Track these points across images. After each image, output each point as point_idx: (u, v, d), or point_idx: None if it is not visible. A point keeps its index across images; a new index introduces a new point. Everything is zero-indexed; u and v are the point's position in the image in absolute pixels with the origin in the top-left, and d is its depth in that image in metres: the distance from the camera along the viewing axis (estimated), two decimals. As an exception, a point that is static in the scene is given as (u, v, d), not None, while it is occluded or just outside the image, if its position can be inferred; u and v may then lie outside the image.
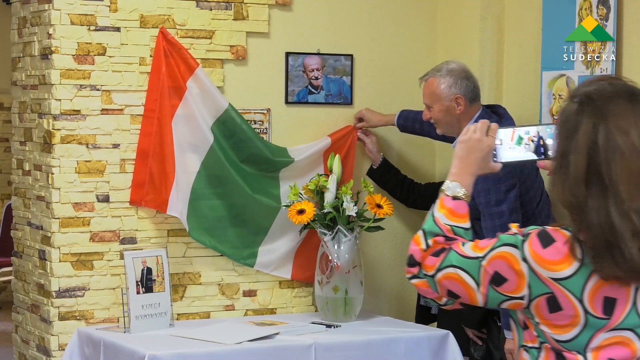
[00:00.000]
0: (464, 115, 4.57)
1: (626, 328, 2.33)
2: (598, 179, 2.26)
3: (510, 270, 2.35)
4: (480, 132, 2.56)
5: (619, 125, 2.26)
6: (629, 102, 2.29)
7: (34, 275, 4.89)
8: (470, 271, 2.39)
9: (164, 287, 4.72)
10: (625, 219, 2.25)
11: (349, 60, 5.30)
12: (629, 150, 2.25)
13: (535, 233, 2.35)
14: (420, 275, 2.46)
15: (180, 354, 4.30)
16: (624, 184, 2.24)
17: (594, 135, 2.27)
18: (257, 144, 4.95)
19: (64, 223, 4.72)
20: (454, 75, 4.59)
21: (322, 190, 4.94)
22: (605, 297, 2.31)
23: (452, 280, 2.42)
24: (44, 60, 4.75)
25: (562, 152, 2.32)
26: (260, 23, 5.09)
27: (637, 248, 2.25)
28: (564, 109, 2.35)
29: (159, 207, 4.79)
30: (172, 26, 4.89)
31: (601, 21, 4.63)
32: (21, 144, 5.04)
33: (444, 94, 4.58)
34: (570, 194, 2.29)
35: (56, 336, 4.72)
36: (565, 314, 2.33)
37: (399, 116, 5.13)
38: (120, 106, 4.81)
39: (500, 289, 2.36)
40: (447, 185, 2.55)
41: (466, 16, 5.35)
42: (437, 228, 2.48)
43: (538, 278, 2.32)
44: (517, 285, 2.34)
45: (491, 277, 2.36)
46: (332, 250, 4.87)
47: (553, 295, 2.32)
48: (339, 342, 4.58)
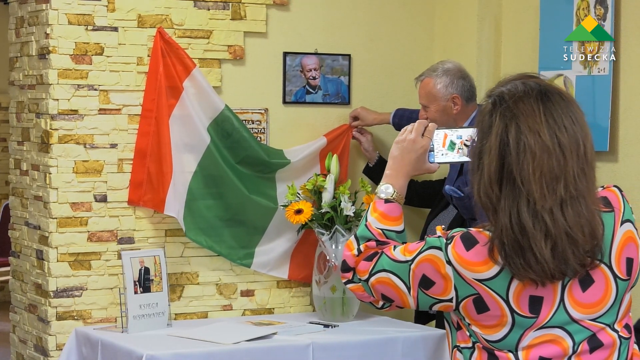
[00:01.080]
0: (460, 114, 4.57)
1: (555, 326, 2.32)
2: (510, 180, 2.24)
3: (436, 274, 2.35)
4: (415, 133, 2.55)
5: (529, 125, 2.24)
6: (540, 102, 2.27)
7: (31, 275, 4.89)
8: (401, 275, 2.40)
9: (161, 287, 4.72)
10: (537, 219, 2.23)
11: (347, 60, 5.30)
12: (539, 150, 2.23)
13: (459, 235, 2.35)
14: (355, 280, 2.47)
15: (178, 354, 4.30)
16: (535, 184, 2.22)
17: (506, 135, 2.25)
18: (253, 146, 4.95)
19: (62, 223, 4.72)
20: (450, 75, 4.59)
21: (319, 190, 4.94)
22: (530, 295, 2.30)
23: (384, 285, 2.42)
24: (42, 60, 4.75)
25: (478, 152, 2.30)
26: (258, 23, 5.09)
27: (550, 249, 2.24)
28: (481, 109, 2.34)
29: (157, 206, 4.79)
30: (170, 26, 4.88)
31: (599, 21, 4.64)
32: (19, 144, 5.03)
33: (440, 94, 4.58)
34: (485, 195, 2.28)
35: (54, 336, 4.72)
36: (492, 314, 2.32)
37: (394, 115, 5.13)
38: (118, 106, 4.81)
39: (428, 292, 2.36)
40: (379, 188, 2.54)
41: (464, 16, 5.36)
42: (369, 232, 2.49)
43: (463, 280, 2.31)
44: (444, 288, 2.34)
45: (419, 280, 2.37)
46: (330, 250, 4.87)
47: (479, 296, 2.31)
48: (337, 342, 4.58)
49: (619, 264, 2.33)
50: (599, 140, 4.64)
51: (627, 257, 2.34)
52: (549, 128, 2.25)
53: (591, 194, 2.29)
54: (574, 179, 2.25)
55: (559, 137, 2.25)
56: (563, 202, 2.24)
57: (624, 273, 2.34)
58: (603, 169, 4.65)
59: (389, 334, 4.71)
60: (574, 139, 2.26)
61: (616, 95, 4.61)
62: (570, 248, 2.25)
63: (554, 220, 2.23)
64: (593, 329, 2.33)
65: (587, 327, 2.33)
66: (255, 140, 4.98)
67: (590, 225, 2.27)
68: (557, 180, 2.23)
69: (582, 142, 2.27)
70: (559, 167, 2.24)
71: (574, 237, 2.25)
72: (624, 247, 2.34)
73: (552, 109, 2.27)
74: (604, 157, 4.65)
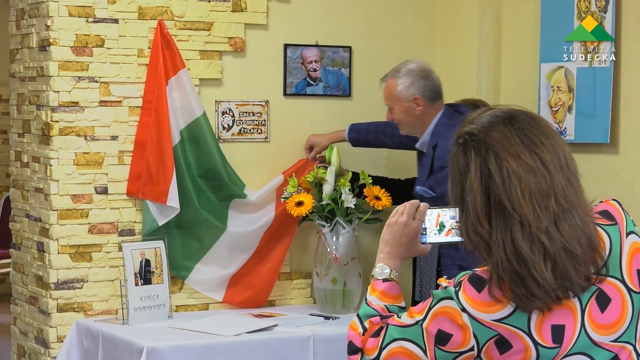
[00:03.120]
0: (425, 115, 4.52)
1: (578, 352, 2.26)
2: (500, 209, 2.19)
3: (453, 325, 2.25)
4: (407, 215, 2.49)
5: (507, 150, 2.20)
6: (510, 126, 2.23)
7: (32, 267, 4.89)
8: (414, 339, 2.29)
9: (162, 279, 4.72)
10: (534, 242, 2.18)
11: (347, 52, 5.30)
12: (524, 172, 2.18)
13: (466, 279, 2.26)
14: None
15: (178, 346, 4.30)
16: (527, 206, 2.17)
17: (486, 167, 2.20)
18: (217, 162, 4.87)
19: (63, 215, 4.72)
20: (411, 76, 4.53)
21: (320, 182, 4.95)
22: (552, 325, 2.24)
23: (397, 356, 2.31)
24: (42, 52, 4.75)
25: (459, 196, 2.25)
26: (259, 15, 5.09)
27: (550, 270, 2.19)
28: (451, 154, 2.29)
29: (157, 198, 4.77)
30: (171, 18, 4.88)
31: (599, 13, 4.63)
32: (19, 136, 5.03)
33: (402, 95, 4.53)
34: (474, 234, 2.22)
35: (55, 328, 4.72)
36: (515, 350, 2.24)
37: (349, 130, 5.02)
38: (119, 98, 4.81)
39: (446, 347, 2.26)
40: (374, 270, 2.49)
41: (464, 8, 5.35)
42: (372, 310, 2.43)
43: (481, 324, 2.23)
44: (462, 339, 2.24)
45: (435, 337, 2.26)
46: (331, 242, 4.88)
47: (500, 336, 2.23)
48: (338, 334, 4.58)
49: (630, 276, 2.30)
50: (599, 132, 4.64)
51: (637, 269, 2.31)
52: (527, 147, 2.21)
53: (581, 204, 2.25)
54: (563, 191, 2.21)
55: (538, 154, 2.21)
56: (557, 217, 2.20)
57: (636, 285, 2.30)
58: (604, 161, 4.65)
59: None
60: (553, 152, 2.23)
61: (617, 87, 4.61)
62: (571, 263, 2.21)
63: (551, 239, 2.19)
64: (614, 349, 2.30)
65: (608, 349, 2.29)
66: (222, 157, 4.90)
67: (585, 235, 2.23)
68: (547, 198, 2.19)
69: (561, 153, 2.24)
70: (546, 184, 2.20)
71: (572, 251, 2.21)
72: (633, 259, 2.31)
73: (523, 129, 2.24)
74: (604, 149, 4.64)
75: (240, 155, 5.08)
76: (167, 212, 4.79)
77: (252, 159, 5.09)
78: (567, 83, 4.81)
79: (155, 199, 4.78)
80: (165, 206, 4.77)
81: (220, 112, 5.04)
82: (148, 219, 4.79)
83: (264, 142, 5.13)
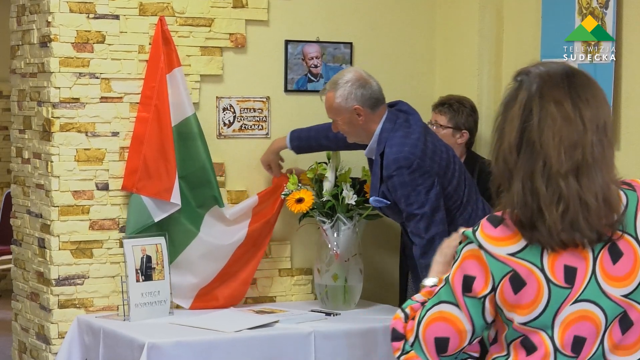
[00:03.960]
0: (368, 123, 4.45)
1: (588, 300, 2.35)
2: (529, 144, 2.33)
3: (474, 265, 2.37)
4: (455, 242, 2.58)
5: (553, 96, 2.34)
6: (565, 77, 2.37)
7: (33, 263, 4.89)
8: (446, 298, 2.40)
9: (163, 275, 4.72)
10: (551, 183, 2.30)
11: (348, 48, 5.29)
12: (561, 118, 2.32)
13: (485, 219, 2.41)
14: (407, 348, 2.44)
15: (179, 342, 4.30)
16: (554, 148, 2.30)
17: (529, 103, 2.35)
18: (203, 166, 4.83)
19: (64, 211, 4.72)
20: (348, 86, 4.45)
21: (321, 178, 4.94)
22: (565, 265, 2.34)
23: (434, 324, 2.41)
24: (43, 48, 4.75)
25: (499, 125, 2.40)
26: (260, 11, 5.09)
27: (560, 212, 2.30)
28: (507, 87, 2.44)
29: (159, 194, 4.76)
30: (171, 14, 4.88)
31: (601, 9, 4.63)
32: (20, 132, 5.03)
33: (342, 107, 4.47)
34: (503, 161, 2.36)
35: (56, 324, 4.73)
36: (529, 288, 2.34)
37: (291, 139, 4.96)
38: (120, 94, 4.80)
39: (472, 293, 2.36)
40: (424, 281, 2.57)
41: (465, 4, 5.35)
42: (413, 301, 2.51)
43: (497, 260, 2.34)
44: (484, 280, 2.35)
45: (462, 284, 2.37)
46: (332, 239, 4.87)
47: (514, 272, 2.34)
48: (339, 330, 4.59)
49: None
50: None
51: None
52: (571, 99, 2.33)
53: (607, 166, 2.35)
54: (592, 148, 2.32)
55: (580, 108, 2.33)
56: (579, 168, 2.31)
57: None
58: (605, 157, 4.64)
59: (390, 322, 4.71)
60: (595, 112, 2.34)
61: (618, 83, 4.61)
62: (582, 214, 2.30)
63: (568, 185, 2.30)
64: (623, 305, 2.37)
65: (618, 303, 2.36)
66: (209, 162, 4.85)
67: (603, 192, 2.33)
68: (574, 148, 2.31)
69: (602, 117, 2.36)
70: (578, 135, 2.32)
71: (587, 202, 2.30)
72: None
73: (576, 85, 2.36)
74: (605, 145, 4.64)
75: (241, 151, 5.08)
76: (166, 208, 4.78)
77: (253, 155, 5.09)
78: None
79: (156, 195, 4.76)
80: (163, 202, 4.76)
81: (221, 108, 5.04)
82: (143, 215, 4.76)
83: (264, 138, 5.13)
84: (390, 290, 5.38)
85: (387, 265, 5.40)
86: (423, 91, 5.45)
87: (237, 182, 5.09)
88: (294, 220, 5.10)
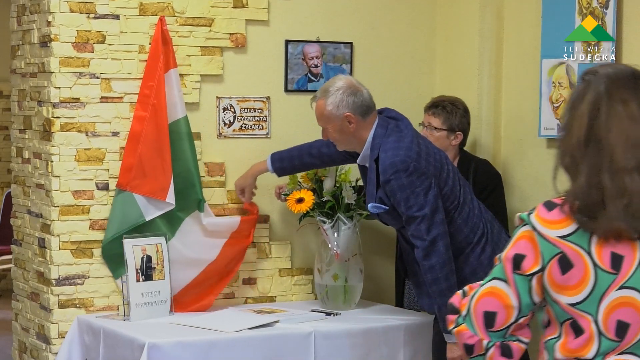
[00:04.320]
0: (359, 131, 4.42)
1: (633, 287, 2.47)
2: (596, 141, 2.44)
3: (526, 245, 2.52)
4: None
5: (621, 96, 2.46)
6: (632, 79, 2.50)
7: (33, 263, 4.89)
8: (499, 275, 2.55)
9: (163, 274, 4.72)
10: (615, 178, 2.43)
11: (349, 48, 5.30)
12: (627, 118, 2.44)
13: (541, 204, 2.56)
14: (459, 321, 2.59)
15: (180, 342, 4.30)
16: (620, 146, 2.43)
17: (598, 102, 2.46)
18: (189, 169, 4.81)
19: (64, 211, 4.72)
20: (339, 94, 4.43)
21: (321, 178, 4.95)
22: (612, 252, 2.46)
23: (484, 298, 2.56)
24: (43, 48, 4.75)
25: (567, 123, 2.51)
26: (260, 11, 5.09)
27: (623, 206, 2.43)
28: (576, 86, 2.57)
29: (154, 193, 4.74)
30: (172, 14, 4.88)
31: (601, 9, 4.63)
32: (20, 132, 5.03)
33: (333, 115, 4.44)
34: (570, 156, 2.48)
35: (56, 324, 4.73)
36: (576, 269, 2.47)
37: (272, 161, 4.89)
38: (120, 94, 4.81)
39: (521, 270, 2.51)
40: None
41: (466, 4, 5.35)
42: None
43: (547, 241, 2.49)
44: (534, 259, 2.50)
45: (512, 262, 2.52)
46: (332, 239, 4.87)
47: (563, 253, 2.47)
48: (339, 330, 4.59)
49: None
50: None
51: None
52: (638, 100, 2.46)
53: None
54: None
55: None
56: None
57: None
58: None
59: (390, 322, 4.72)
60: None
61: (618, 84, 4.60)
62: None
63: (632, 180, 2.43)
64: None
65: None
66: (195, 166, 4.83)
67: None
68: (639, 148, 2.44)
69: None
70: None
71: None
72: None
73: None
74: (606, 145, 4.64)
75: (241, 151, 5.08)
76: (159, 207, 4.76)
77: (253, 155, 5.09)
78: (569, 79, 4.81)
79: (151, 194, 4.73)
80: (156, 201, 4.74)
81: (222, 108, 5.04)
82: (133, 214, 4.73)
83: (265, 138, 5.13)
84: (390, 290, 5.38)
85: (388, 265, 5.40)
86: (423, 91, 5.45)
87: (237, 182, 5.09)
88: (294, 220, 5.10)
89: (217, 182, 5.01)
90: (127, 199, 4.73)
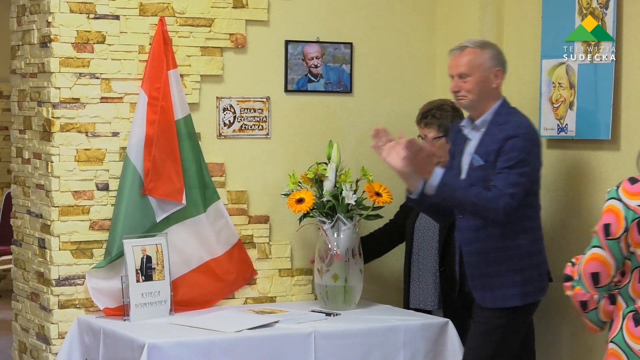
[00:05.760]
0: (495, 91, 4.40)
1: None
2: None
3: (612, 215, 3.33)
4: None
5: None
6: None
7: (33, 263, 4.89)
8: (595, 243, 3.38)
9: (163, 275, 4.73)
10: None
11: (349, 48, 5.29)
12: None
13: (625, 179, 3.33)
14: (574, 284, 3.46)
15: (180, 342, 4.30)
16: None
17: None
18: (189, 165, 4.82)
19: (64, 211, 4.72)
20: (496, 49, 4.49)
21: (321, 178, 4.94)
22: None
23: (588, 263, 3.39)
24: (43, 49, 4.75)
25: None
26: (260, 11, 5.09)
27: None
28: None
29: (171, 195, 4.74)
30: (172, 14, 4.88)
31: (601, 9, 4.63)
32: (20, 132, 5.03)
33: (486, 65, 4.42)
34: None
35: (56, 324, 4.73)
36: None
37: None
38: (120, 94, 4.81)
39: (611, 236, 3.34)
40: None
41: (466, 4, 5.35)
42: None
43: (629, 208, 3.31)
44: (619, 224, 3.31)
45: (603, 230, 3.34)
46: (332, 239, 4.87)
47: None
48: (339, 330, 4.58)
49: None
50: (601, 128, 4.64)
51: None
52: None
53: None
54: None
55: None
56: None
57: None
58: (605, 157, 4.64)
59: (390, 322, 4.72)
60: None
61: (618, 84, 4.61)
62: None
63: None
64: None
65: None
66: (196, 162, 4.85)
67: None
68: None
69: None
70: None
71: None
72: None
73: None
74: (606, 145, 4.64)
75: (241, 151, 5.08)
76: (167, 208, 4.79)
77: (253, 156, 5.10)
78: (569, 79, 4.81)
79: (167, 197, 4.74)
80: (166, 202, 4.76)
81: (222, 109, 5.04)
82: (149, 216, 4.76)
83: (265, 138, 5.13)
84: (390, 291, 5.38)
85: (388, 265, 5.40)
86: (423, 91, 5.45)
87: (237, 182, 5.09)
88: (294, 220, 5.10)
89: (217, 182, 5.01)
90: (144, 202, 4.73)
